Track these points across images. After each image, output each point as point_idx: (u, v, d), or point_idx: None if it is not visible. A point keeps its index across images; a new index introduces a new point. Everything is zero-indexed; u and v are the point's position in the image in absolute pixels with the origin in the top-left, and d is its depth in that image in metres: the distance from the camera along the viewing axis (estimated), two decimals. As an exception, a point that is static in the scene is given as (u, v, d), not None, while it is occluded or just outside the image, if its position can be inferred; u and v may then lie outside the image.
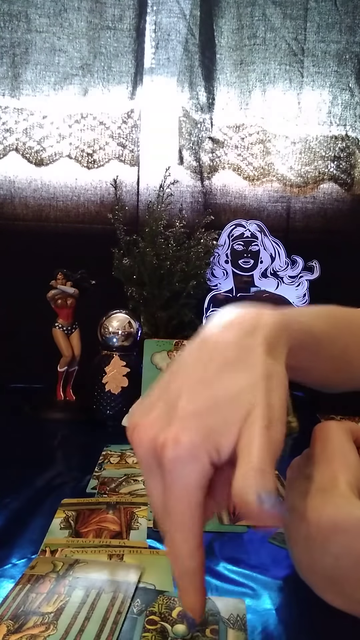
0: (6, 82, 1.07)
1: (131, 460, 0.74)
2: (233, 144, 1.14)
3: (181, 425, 0.30)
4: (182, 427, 0.30)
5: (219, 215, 1.14)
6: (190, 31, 1.09)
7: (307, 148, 1.13)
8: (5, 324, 1.13)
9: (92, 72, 1.09)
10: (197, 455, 0.30)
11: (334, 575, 0.35)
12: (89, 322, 0.96)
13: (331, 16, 1.08)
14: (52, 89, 1.08)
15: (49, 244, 1.11)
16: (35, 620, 0.39)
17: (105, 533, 0.53)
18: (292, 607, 0.43)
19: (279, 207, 1.17)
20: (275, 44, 1.09)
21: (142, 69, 1.11)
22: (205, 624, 0.39)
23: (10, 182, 1.13)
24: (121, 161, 1.12)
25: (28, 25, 1.06)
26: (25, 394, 1.04)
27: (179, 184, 1.13)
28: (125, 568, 0.46)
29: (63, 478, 0.68)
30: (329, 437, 0.41)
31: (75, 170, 1.13)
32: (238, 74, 1.11)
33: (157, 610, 0.41)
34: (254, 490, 0.28)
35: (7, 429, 0.87)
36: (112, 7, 1.07)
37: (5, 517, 0.57)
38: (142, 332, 0.96)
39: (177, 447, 0.30)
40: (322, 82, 1.11)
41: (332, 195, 1.16)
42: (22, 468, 0.70)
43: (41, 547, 0.50)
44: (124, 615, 0.40)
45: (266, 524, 0.29)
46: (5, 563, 0.48)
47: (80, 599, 0.42)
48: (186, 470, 0.30)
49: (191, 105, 1.12)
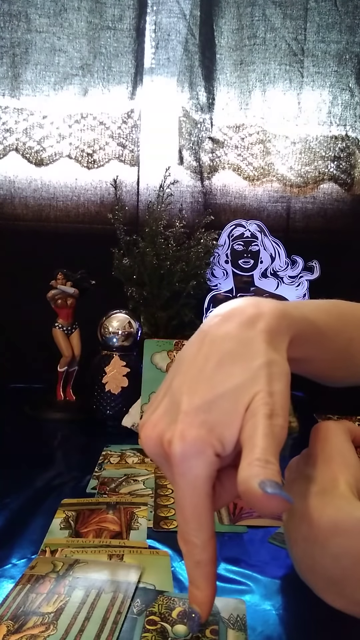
0: (6, 82, 1.07)
1: (131, 461, 0.74)
2: (233, 144, 1.14)
3: (185, 421, 0.31)
4: (187, 424, 0.31)
5: (219, 215, 1.14)
6: (190, 31, 1.09)
7: (307, 148, 1.13)
8: (5, 324, 1.13)
9: (92, 72, 1.09)
10: (202, 449, 0.30)
11: (334, 576, 0.35)
12: (89, 322, 0.96)
13: (331, 16, 1.08)
14: (52, 89, 1.08)
15: (49, 244, 1.11)
16: (35, 620, 0.39)
17: (105, 533, 0.53)
18: (292, 607, 0.43)
19: (279, 207, 1.17)
20: (275, 44, 1.09)
21: (142, 69, 1.11)
22: (205, 624, 0.39)
23: (10, 182, 1.13)
24: (121, 161, 1.12)
25: (28, 25, 1.06)
26: (25, 394, 1.04)
27: (179, 184, 1.13)
28: (125, 568, 0.46)
29: (63, 478, 0.68)
30: (328, 438, 0.41)
31: (75, 170, 1.13)
32: (238, 74, 1.11)
33: (157, 611, 0.41)
34: (258, 479, 0.29)
35: (7, 429, 0.87)
36: (112, 7, 1.07)
37: (5, 517, 0.57)
38: (142, 332, 0.96)
39: (183, 443, 0.31)
40: (322, 82, 1.11)
41: (332, 195, 1.16)
42: (22, 468, 0.70)
43: (41, 547, 0.50)
44: (124, 616, 0.40)
45: (271, 511, 0.29)
46: (5, 563, 0.48)
47: (80, 599, 0.42)
48: (193, 464, 0.31)
49: (191, 105, 1.12)
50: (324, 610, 0.37)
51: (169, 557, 0.49)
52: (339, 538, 0.34)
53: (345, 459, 0.39)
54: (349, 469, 0.38)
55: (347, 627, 0.38)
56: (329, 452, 0.40)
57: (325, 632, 0.39)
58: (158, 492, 0.63)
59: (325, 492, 0.36)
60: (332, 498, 0.36)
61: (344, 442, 0.41)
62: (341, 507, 0.35)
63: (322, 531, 0.34)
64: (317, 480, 0.38)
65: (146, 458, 0.75)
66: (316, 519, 0.35)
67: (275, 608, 0.42)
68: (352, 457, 0.40)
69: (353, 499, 0.36)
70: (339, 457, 0.39)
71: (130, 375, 0.91)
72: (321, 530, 0.34)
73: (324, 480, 0.37)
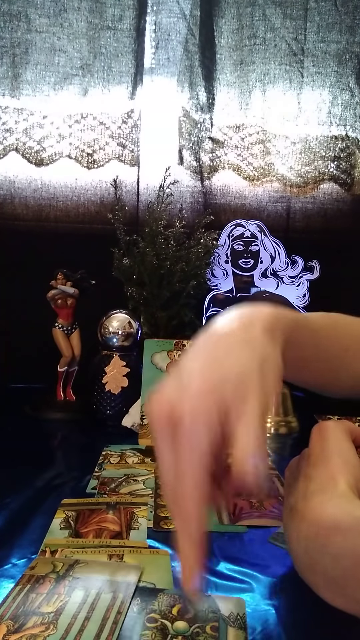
0: (6, 82, 1.07)
1: (131, 461, 0.74)
2: (233, 144, 1.14)
3: (197, 399, 0.34)
4: (198, 401, 0.34)
5: (219, 215, 1.14)
6: (190, 31, 1.10)
7: (307, 148, 1.13)
8: (5, 324, 1.13)
9: (92, 72, 1.09)
10: (211, 424, 0.33)
11: (333, 575, 0.35)
12: (89, 322, 0.96)
13: (331, 16, 1.08)
14: (52, 89, 1.08)
15: (49, 244, 1.11)
16: (35, 620, 0.39)
17: (105, 533, 0.53)
18: (292, 606, 0.43)
19: (279, 207, 1.17)
20: (275, 44, 1.09)
21: (142, 69, 1.11)
22: (205, 620, 0.39)
23: (10, 182, 1.13)
24: (121, 161, 1.12)
25: (28, 25, 1.06)
26: (25, 394, 1.04)
27: (179, 184, 1.13)
28: (125, 568, 0.46)
29: (63, 478, 0.68)
30: (328, 437, 0.41)
31: (75, 170, 1.13)
32: (238, 74, 1.11)
33: (157, 608, 0.41)
34: (251, 464, 0.32)
35: (7, 429, 0.87)
36: (112, 7, 1.07)
37: (5, 517, 0.57)
38: (142, 332, 0.96)
39: (195, 417, 0.33)
40: (322, 82, 1.11)
41: (332, 195, 1.16)
42: (22, 468, 0.70)
43: (41, 547, 0.50)
44: (124, 615, 0.40)
45: (260, 494, 0.33)
46: (5, 563, 0.48)
47: (80, 599, 0.42)
48: (200, 437, 0.33)
49: (191, 105, 1.12)
50: (324, 609, 0.37)
51: (169, 556, 0.49)
52: (339, 537, 0.34)
53: (345, 458, 0.39)
54: (349, 468, 0.38)
55: (347, 626, 0.38)
56: (328, 452, 0.40)
57: (325, 631, 0.39)
58: (158, 492, 0.63)
59: (325, 492, 0.36)
60: (332, 497, 0.36)
61: (343, 441, 0.41)
62: (341, 506, 0.35)
63: (322, 530, 0.34)
64: (317, 480, 0.38)
65: (146, 458, 0.75)
66: (316, 518, 0.35)
67: (275, 607, 0.42)
68: (352, 457, 0.40)
69: (353, 498, 0.36)
70: (339, 457, 0.39)
71: (130, 375, 0.91)
72: (321, 529, 0.35)
73: (323, 480, 0.38)
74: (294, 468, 0.43)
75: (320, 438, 0.42)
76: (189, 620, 0.40)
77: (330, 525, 0.34)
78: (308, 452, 0.42)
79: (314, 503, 0.36)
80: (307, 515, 0.36)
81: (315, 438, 0.42)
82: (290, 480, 0.42)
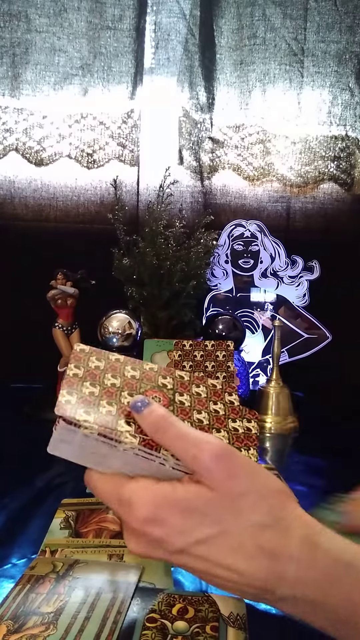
0: (6, 82, 1.07)
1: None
2: (233, 144, 1.14)
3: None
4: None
5: (219, 215, 1.14)
6: (190, 31, 1.09)
7: (307, 148, 1.13)
8: (5, 324, 1.13)
9: (92, 72, 1.09)
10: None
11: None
12: (89, 322, 0.96)
13: (331, 16, 1.08)
14: (52, 89, 1.08)
15: (49, 244, 1.11)
16: (35, 620, 0.39)
17: (105, 533, 0.53)
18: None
19: (279, 207, 1.17)
20: (275, 44, 1.09)
21: (142, 69, 1.11)
22: (205, 620, 0.39)
23: (10, 182, 1.13)
24: (121, 161, 1.12)
25: (28, 25, 1.06)
26: (25, 394, 1.04)
27: (179, 184, 1.13)
28: (125, 568, 0.46)
29: (63, 478, 0.68)
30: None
31: (75, 170, 1.13)
32: (238, 74, 1.11)
33: (157, 608, 0.41)
34: None
35: (7, 429, 0.87)
36: (112, 7, 1.07)
37: (5, 517, 0.57)
38: (142, 332, 0.96)
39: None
40: (322, 82, 1.11)
41: (332, 195, 1.16)
42: (22, 468, 0.70)
43: (41, 547, 0.50)
44: (123, 615, 0.40)
45: None
46: (5, 563, 0.48)
47: (80, 599, 0.42)
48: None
49: (191, 105, 1.12)
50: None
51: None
52: None
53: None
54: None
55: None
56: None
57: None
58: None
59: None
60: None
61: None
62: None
63: None
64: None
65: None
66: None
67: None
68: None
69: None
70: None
71: (130, 375, 0.91)
72: None
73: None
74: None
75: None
76: (189, 620, 0.40)
77: None
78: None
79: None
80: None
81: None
82: None
